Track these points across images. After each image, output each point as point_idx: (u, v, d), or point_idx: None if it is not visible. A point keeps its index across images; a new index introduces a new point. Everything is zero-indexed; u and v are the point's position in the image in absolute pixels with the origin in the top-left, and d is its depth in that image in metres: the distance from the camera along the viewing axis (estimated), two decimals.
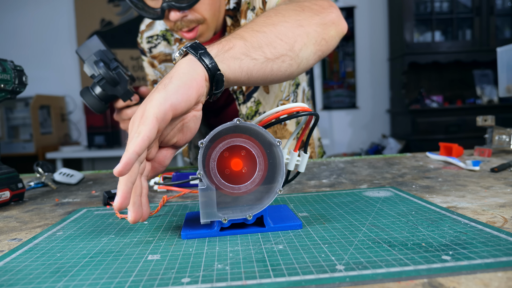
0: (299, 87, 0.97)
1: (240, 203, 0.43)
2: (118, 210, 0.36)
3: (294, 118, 0.44)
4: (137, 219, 0.39)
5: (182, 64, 0.45)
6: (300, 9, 0.62)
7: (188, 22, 0.76)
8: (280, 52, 0.55)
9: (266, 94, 0.89)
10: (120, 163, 0.35)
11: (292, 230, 0.41)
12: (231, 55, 0.49)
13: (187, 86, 0.43)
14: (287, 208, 0.48)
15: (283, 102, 0.91)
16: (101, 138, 3.23)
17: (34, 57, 3.59)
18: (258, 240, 0.38)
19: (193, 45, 0.47)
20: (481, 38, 3.41)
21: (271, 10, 0.62)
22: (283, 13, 0.59)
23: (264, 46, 0.53)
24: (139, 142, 0.37)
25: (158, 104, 0.40)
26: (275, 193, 0.41)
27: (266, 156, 0.42)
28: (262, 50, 0.53)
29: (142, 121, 0.39)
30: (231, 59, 0.49)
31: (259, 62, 0.52)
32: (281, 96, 0.91)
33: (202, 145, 0.39)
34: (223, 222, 0.40)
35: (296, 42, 0.57)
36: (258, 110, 0.89)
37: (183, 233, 0.40)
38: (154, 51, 0.99)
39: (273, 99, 0.90)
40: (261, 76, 0.54)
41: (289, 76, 0.59)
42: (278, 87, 0.90)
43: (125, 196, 0.36)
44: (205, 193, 0.40)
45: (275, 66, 0.55)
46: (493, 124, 0.86)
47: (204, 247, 0.37)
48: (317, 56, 0.63)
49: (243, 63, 0.50)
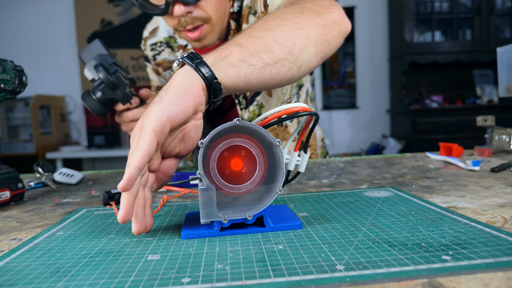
0: (302, 88, 0.96)
1: (240, 203, 0.42)
2: (122, 222, 0.37)
3: (294, 118, 0.44)
4: (140, 231, 0.40)
5: (179, 75, 0.45)
6: (300, 11, 0.61)
7: (193, 19, 0.75)
8: (279, 57, 0.54)
9: (269, 97, 0.88)
10: (123, 179, 0.36)
11: (292, 230, 0.41)
12: (228, 62, 0.49)
13: (183, 97, 0.43)
14: (287, 208, 0.48)
15: (285, 104, 0.91)
16: (101, 138, 3.23)
17: (34, 57, 3.59)
18: (258, 240, 0.38)
19: (189, 55, 0.47)
20: (481, 38, 3.41)
21: (269, 14, 0.61)
22: (282, 17, 0.59)
23: (261, 52, 0.52)
24: (139, 157, 0.38)
25: (155, 117, 0.40)
26: (275, 193, 0.41)
27: (266, 156, 0.42)
28: (260, 55, 0.52)
29: (141, 135, 0.40)
30: (228, 66, 0.49)
31: (257, 68, 0.52)
32: (283, 99, 0.90)
33: (202, 145, 0.39)
34: (223, 222, 0.40)
35: (295, 45, 0.56)
36: (261, 114, 0.88)
37: (183, 233, 0.40)
38: (158, 58, 0.99)
39: (275, 102, 0.90)
40: (260, 82, 0.54)
41: (290, 79, 0.58)
42: (280, 89, 0.89)
43: (128, 209, 0.37)
44: (205, 193, 0.40)
45: (274, 70, 0.54)
46: (493, 124, 0.86)
47: (204, 247, 0.37)
48: (319, 57, 0.62)
49: (241, 69, 0.50)
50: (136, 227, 0.39)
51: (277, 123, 0.45)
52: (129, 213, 0.37)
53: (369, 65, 3.86)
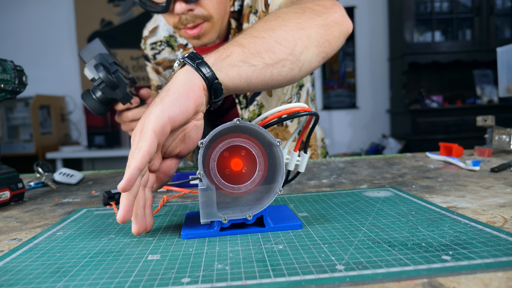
0: (303, 88, 0.96)
1: (240, 203, 0.42)
2: (121, 222, 0.37)
3: (295, 118, 0.44)
4: (140, 231, 0.40)
5: (179, 76, 0.45)
6: (301, 11, 0.61)
7: (194, 17, 0.75)
8: (280, 57, 0.54)
9: (269, 97, 0.88)
10: (123, 179, 0.36)
11: (292, 230, 0.41)
12: (228, 62, 0.49)
13: (184, 97, 0.43)
14: (287, 208, 0.48)
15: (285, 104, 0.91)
16: (101, 138, 3.23)
17: (34, 57, 3.59)
18: (258, 240, 0.38)
19: (190, 55, 0.47)
20: (481, 38, 3.41)
21: (271, 14, 0.61)
22: (283, 17, 0.59)
23: (262, 52, 0.52)
24: (139, 158, 0.38)
25: (155, 118, 0.40)
26: (275, 193, 0.41)
27: (266, 156, 0.42)
28: (261, 56, 0.52)
29: (142, 136, 0.40)
30: (229, 67, 0.49)
31: (258, 68, 0.52)
32: (284, 98, 0.90)
33: (202, 145, 0.39)
34: (223, 222, 0.40)
35: (296, 45, 0.56)
36: (261, 113, 0.88)
37: (183, 233, 0.40)
38: (158, 58, 0.99)
39: (276, 102, 0.90)
40: (261, 82, 0.53)
41: (291, 80, 0.58)
42: (281, 90, 0.89)
43: (127, 209, 0.37)
44: (205, 193, 0.39)
45: (275, 71, 0.54)
46: (493, 124, 0.86)
47: (204, 247, 0.37)
48: (320, 58, 0.61)
49: (242, 70, 0.50)
50: (136, 227, 0.39)
51: (277, 123, 0.45)
52: (128, 214, 0.37)
53: (369, 65, 3.86)
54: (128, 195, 0.38)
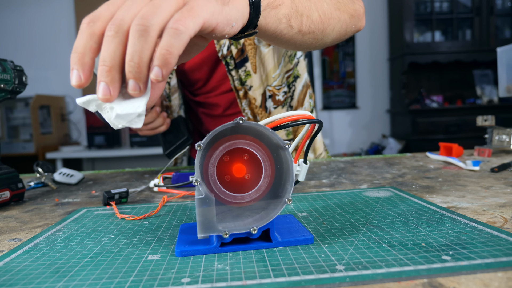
0: (298, 80, 0.93)
1: (243, 214, 0.37)
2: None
3: (297, 125, 0.42)
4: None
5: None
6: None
7: None
8: (313, 29, 0.54)
9: (254, 74, 0.87)
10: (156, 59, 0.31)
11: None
12: (274, 13, 0.48)
13: (233, 20, 0.40)
14: (294, 219, 0.43)
15: (272, 88, 0.89)
16: (101, 138, 3.23)
17: (34, 57, 3.59)
18: None
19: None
20: (481, 38, 3.41)
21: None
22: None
23: (304, 16, 0.53)
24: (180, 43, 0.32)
25: (212, 12, 0.36)
26: (284, 203, 0.36)
27: (273, 161, 0.37)
28: (302, 20, 0.52)
29: (191, 14, 0.33)
30: (273, 18, 0.48)
31: (292, 32, 0.52)
32: (271, 82, 0.88)
33: (199, 148, 0.34)
34: (224, 237, 0.35)
35: (329, 25, 0.57)
36: (246, 82, 0.86)
37: (177, 250, 0.35)
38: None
39: (258, 80, 0.87)
40: (284, 43, 0.54)
41: (297, 49, 0.59)
42: (270, 74, 0.88)
43: None
44: (203, 203, 0.34)
45: (299, 39, 0.54)
46: (493, 124, 0.86)
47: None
48: (333, 43, 0.62)
49: (280, 27, 0.49)
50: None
51: (279, 129, 0.43)
52: None
53: (369, 65, 3.86)
54: None
